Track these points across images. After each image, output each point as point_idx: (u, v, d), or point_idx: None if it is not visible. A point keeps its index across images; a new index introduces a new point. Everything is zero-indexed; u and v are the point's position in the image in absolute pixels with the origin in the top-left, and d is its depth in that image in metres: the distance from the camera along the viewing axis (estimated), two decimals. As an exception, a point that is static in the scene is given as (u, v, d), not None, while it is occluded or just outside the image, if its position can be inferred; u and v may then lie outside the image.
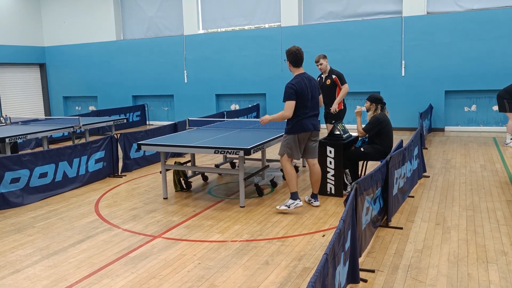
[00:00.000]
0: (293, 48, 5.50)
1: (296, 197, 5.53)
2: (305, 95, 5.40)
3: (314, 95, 5.54)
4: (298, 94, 5.36)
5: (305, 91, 5.40)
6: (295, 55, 5.49)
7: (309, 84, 5.48)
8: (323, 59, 7.55)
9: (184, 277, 3.92)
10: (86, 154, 7.41)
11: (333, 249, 2.79)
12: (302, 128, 5.47)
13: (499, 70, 11.42)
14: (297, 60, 5.52)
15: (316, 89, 5.60)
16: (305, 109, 5.45)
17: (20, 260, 4.43)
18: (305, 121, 5.47)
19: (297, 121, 5.45)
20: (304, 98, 5.40)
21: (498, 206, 5.58)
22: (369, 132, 6.13)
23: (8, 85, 17.06)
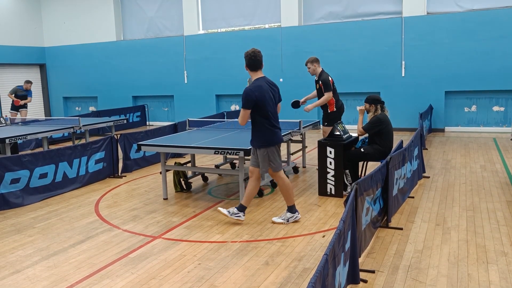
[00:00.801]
0: (250, 51, 5.03)
1: (293, 210, 5.24)
2: (266, 102, 4.94)
3: (275, 102, 5.11)
4: (258, 102, 4.90)
5: (265, 98, 4.94)
6: (251, 57, 5.01)
7: (272, 91, 5.06)
8: (311, 63, 7.26)
9: (184, 278, 3.92)
10: (86, 154, 7.41)
11: (333, 249, 2.79)
12: (278, 139, 5.12)
13: (499, 70, 11.42)
14: (254, 64, 5.02)
15: (277, 95, 5.17)
16: (273, 116, 5.05)
17: (20, 260, 4.43)
18: (279, 131, 5.16)
19: (273, 131, 5.06)
20: (266, 104, 4.94)
21: (498, 206, 5.58)
22: (368, 131, 6.13)
23: (8, 85, 17.02)
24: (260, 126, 5.02)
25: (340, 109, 7.39)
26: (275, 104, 5.12)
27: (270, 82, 5.12)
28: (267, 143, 5.04)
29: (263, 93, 4.93)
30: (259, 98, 4.89)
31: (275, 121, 5.09)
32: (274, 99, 5.09)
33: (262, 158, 5.09)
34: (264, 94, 4.93)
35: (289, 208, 5.25)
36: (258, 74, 5.09)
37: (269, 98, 5.00)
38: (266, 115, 4.99)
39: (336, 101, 7.33)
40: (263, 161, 5.10)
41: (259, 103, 4.92)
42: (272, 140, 5.06)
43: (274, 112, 5.08)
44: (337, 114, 7.33)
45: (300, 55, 13.55)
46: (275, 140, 5.08)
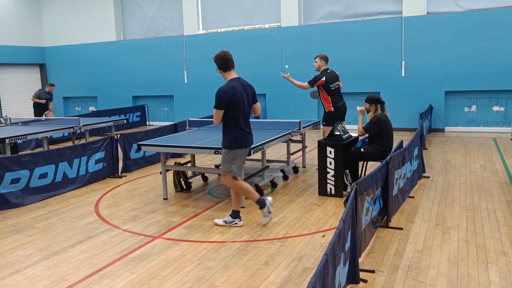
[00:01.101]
0: (219, 53, 4.95)
1: (264, 200, 5.09)
2: (238, 103, 4.83)
3: (249, 104, 5.00)
4: (230, 103, 4.80)
5: (238, 99, 4.84)
6: (222, 58, 4.93)
7: (245, 92, 4.96)
8: (320, 58, 7.42)
9: (184, 278, 3.92)
10: (86, 154, 7.41)
11: (333, 249, 2.79)
12: (246, 143, 5.00)
13: (499, 70, 11.42)
14: (226, 64, 4.95)
15: (250, 98, 5.04)
16: (244, 119, 4.94)
17: (20, 260, 4.43)
18: (249, 135, 5.02)
19: (242, 134, 4.93)
20: (238, 106, 4.84)
21: (498, 206, 5.58)
22: (368, 131, 6.13)
23: (8, 85, 17.07)
24: (230, 127, 4.93)
25: (339, 109, 7.40)
26: (249, 106, 5.02)
27: (244, 84, 5.01)
28: (234, 145, 4.94)
29: (236, 95, 4.83)
30: (231, 99, 4.80)
31: (246, 124, 4.98)
32: (248, 101, 4.98)
33: (225, 159, 4.99)
34: (237, 96, 4.83)
35: (234, 212, 5.15)
36: (231, 74, 5.00)
37: (242, 100, 4.89)
38: (237, 117, 4.88)
39: (335, 101, 7.35)
40: (224, 162, 5.00)
41: (230, 105, 4.82)
42: (240, 143, 4.95)
43: (246, 115, 4.98)
44: (335, 114, 7.34)
45: (300, 55, 13.57)
46: (243, 143, 4.97)
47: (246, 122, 5.00)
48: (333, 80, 7.33)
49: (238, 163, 4.99)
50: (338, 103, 7.39)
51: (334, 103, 7.34)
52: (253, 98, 5.10)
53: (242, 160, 5.06)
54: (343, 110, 7.47)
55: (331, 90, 7.32)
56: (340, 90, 7.51)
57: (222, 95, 4.80)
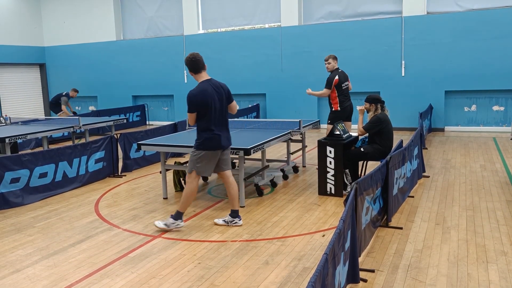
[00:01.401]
0: (189, 56, 4.94)
1: (179, 217, 5.08)
2: (209, 105, 4.84)
3: (222, 105, 4.97)
4: (201, 106, 4.82)
5: (209, 102, 4.83)
6: (191, 60, 4.92)
7: (217, 94, 4.92)
8: (333, 59, 7.61)
9: (184, 277, 3.92)
10: (86, 154, 7.41)
11: (333, 249, 2.79)
12: (215, 145, 4.96)
13: (499, 70, 11.42)
14: (197, 65, 4.94)
15: (224, 99, 5.01)
16: (215, 121, 4.92)
17: (20, 260, 4.43)
18: (218, 137, 4.96)
19: (210, 136, 4.92)
20: (209, 108, 4.85)
21: (498, 206, 5.58)
22: (369, 131, 6.13)
23: (8, 85, 17.06)
24: (200, 129, 4.96)
25: (346, 109, 7.59)
26: (223, 106, 5.00)
27: (216, 84, 4.99)
28: (201, 147, 4.97)
29: (206, 98, 4.83)
30: (201, 102, 4.82)
31: (217, 126, 4.96)
32: (220, 102, 4.96)
33: (192, 158, 5.03)
34: (207, 99, 4.83)
35: (177, 213, 5.10)
36: (202, 76, 4.99)
37: (213, 102, 4.87)
38: (207, 119, 4.89)
39: (342, 101, 7.55)
40: (191, 161, 5.03)
41: (201, 108, 4.84)
42: (208, 145, 4.95)
43: (218, 116, 4.95)
44: (341, 113, 7.52)
45: (300, 55, 13.58)
46: (211, 146, 4.96)
47: (220, 123, 4.99)
48: (343, 80, 7.55)
49: (203, 164, 5.00)
50: (345, 103, 7.58)
51: (342, 103, 7.54)
52: (228, 98, 5.09)
53: (211, 161, 5.04)
54: (349, 110, 7.66)
55: (341, 90, 7.51)
56: (348, 91, 7.69)
57: (191, 99, 4.83)
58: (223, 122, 5.03)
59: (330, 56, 7.64)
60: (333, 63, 7.60)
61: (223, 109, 5.01)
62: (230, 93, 5.12)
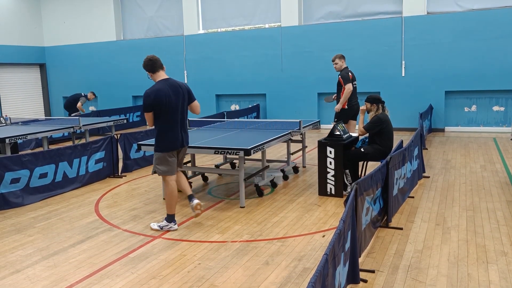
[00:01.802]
0: (145, 59, 5.00)
1: (172, 219, 5.09)
2: (165, 105, 4.82)
3: (180, 104, 4.96)
4: (156, 105, 4.81)
5: (167, 100, 4.82)
6: (149, 60, 4.97)
7: (174, 93, 4.90)
8: (339, 59, 7.71)
9: (184, 277, 3.92)
10: (86, 154, 7.41)
11: (333, 249, 2.79)
12: (170, 146, 4.97)
13: (499, 70, 11.42)
14: (154, 65, 4.96)
15: (184, 96, 5.00)
16: (172, 121, 4.91)
17: (20, 260, 4.43)
18: (175, 138, 4.97)
19: (165, 137, 4.95)
20: (168, 108, 4.85)
21: (498, 206, 5.58)
22: (369, 131, 6.13)
23: (8, 85, 17.06)
24: (157, 130, 4.98)
25: (353, 108, 7.70)
26: (180, 106, 4.97)
27: (174, 84, 4.96)
28: (159, 149, 5.00)
29: (160, 97, 4.81)
30: (155, 102, 4.80)
31: (175, 126, 4.96)
32: (178, 101, 4.94)
33: (154, 160, 5.10)
34: (161, 98, 4.80)
35: (168, 216, 5.10)
36: (159, 76, 4.98)
37: (169, 102, 4.85)
38: (164, 120, 4.90)
39: (351, 99, 7.66)
40: (154, 162, 5.11)
41: (155, 107, 4.83)
42: (165, 147, 4.98)
43: (174, 116, 4.94)
44: (348, 111, 7.67)
45: (300, 55, 13.57)
46: (168, 147, 4.98)
47: (177, 123, 4.98)
48: (354, 78, 7.69)
49: (164, 166, 5.02)
50: (353, 101, 7.70)
51: (350, 101, 7.66)
52: (189, 97, 5.10)
53: (171, 162, 5.05)
54: (356, 109, 7.74)
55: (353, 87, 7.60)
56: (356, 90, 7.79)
57: (145, 99, 4.83)
58: (180, 122, 5.01)
59: (337, 56, 7.72)
60: (340, 63, 7.70)
61: (181, 108, 4.99)
62: (191, 92, 5.12)
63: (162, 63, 5.01)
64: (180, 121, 5.01)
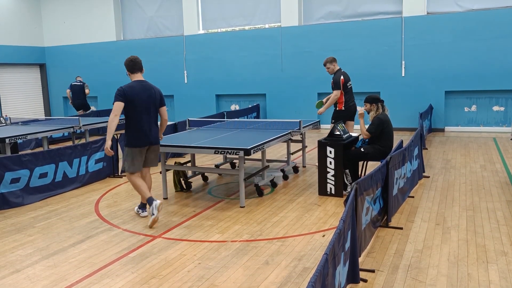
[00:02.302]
0: (129, 57, 5.40)
1: (152, 200, 5.25)
2: (136, 101, 5.18)
3: (152, 105, 5.32)
4: (128, 99, 5.14)
5: (137, 97, 5.17)
6: (130, 61, 5.36)
7: (146, 93, 5.26)
8: (330, 63, 7.61)
9: (184, 277, 3.92)
10: (86, 154, 7.41)
11: (333, 249, 2.79)
12: (139, 141, 5.28)
13: (499, 70, 11.42)
14: (133, 66, 5.35)
15: (155, 99, 5.35)
16: (140, 120, 5.23)
17: (20, 260, 4.43)
18: (143, 135, 5.27)
19: (133, 134, 5.26)
20: (136, 104, 5.19)
21: (498, 206, 5.58)
22: (373, 133, 6.09)
23: (8, 85, 17.06)
24: (127, 127, 5.32)
25: (350, 108, 7.66)
26: (151, 106, 5.31)
27: (147, 86, 5.33)
28: (128, 144, 5.31)
29: (132, 94, 5.16)
30: (127, 97, 5.15)
31: (144, 124, 5.26)
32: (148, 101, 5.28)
33: (123, 156, 5.52)
34: (133, 95, 5.16)
35: (148, 200, 5.34)
36: (136, 76, 5.36)
37: (140, 100, 5.19)
38: (133, 117, 5.23)
39: (347, 101, 7.62)
40: (123, 159, 5.50)
41: (127, 102, 5.16)
42: (133, 143, 5.28)
43: (143, 115, 5.25)
44: (345, 113, 7.62)
45: (300, 55, 13.57)
46: (134, 143, 5.27)
47: (146, 122, 5.29)
48: (348, 79, 7.64)
49: (129, 161, 5.33)
50: (350, 102, 7.67)
51: (347, 102, 7.63)
52: (160, 101, 5.45)
53: (137, 158, 5.34)
54: (353, 110, 7.73)
55: (347, 89, 7.58)
56: (352, 90, 7.74)
57: (119, 90, 5.19)
58: (149, 121, 5.33)
59: (327, 60, 7.63)
60: (332, 66, 7.62)
61: (152, 108, 5.34)
62: (162, 97, 5.50)
63: (142, 66, 5.41)
64: (149, 120, 5.33)
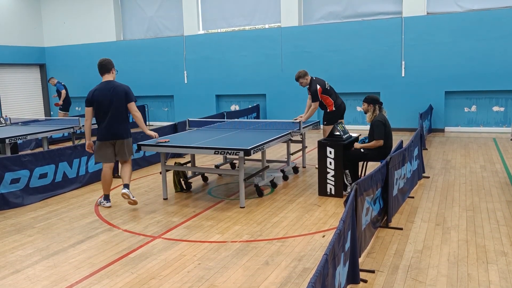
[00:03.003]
0: (99, 60, 5.94)
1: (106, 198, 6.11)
2: (103, 102, 5.74)
3: (118, 103, 5.79)
4: (95, 100, 5.75)
5: (101, 98, 5.73)
6: (99, 65, 5.91)
7: (111, 93, 5.76)
8: (302, 78, 7.57)
9: (184, 278, 3.92)
10: (86, 154, 7.41)
11: (333, 249, 2.79)
12: (103, 136, 5.86)
13: (499, 70, 11.43)
14: (101, 69, 5.90)
15: (120, 97, 5.79)
16: (105, 116, 5.79)
17: (20, 260, 4.43)
18: (106, 130, 5.83)
19: (101, 128, 5.87)
20: (103, 105, 5.75)
21: (498, 206, 5.58)
22: (381, 137, 6.02)
23: (8, 85, 17.06)
24: (97, 122, 5.92)
25: (340, 107, 7.68)
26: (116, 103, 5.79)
27: (114, 85, 5.84)
28: (97, 138, 5.93)
29: (97, 96, 5.76)
30: (92, 99, 5.78)
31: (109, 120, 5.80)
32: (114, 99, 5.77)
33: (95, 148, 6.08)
34: (97, 97, 5.76)
35: (104, 196, 6.14)
36: (104, 78, 5.92)
37: (103, 100, 5.74)
38: (100, 113, 5.82)
39: (335, 101, 7.64)
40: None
41: (93, 103, 5.79)
42: (101, 137, 5.88)
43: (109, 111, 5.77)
44: (336, 113, 7.61)
45: (300, 55, 13.57)
46: (102, 137, 5.87)
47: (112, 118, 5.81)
48: (323, 83, 7.62)
49: (98, 152, 5.95)
50: (339, 101, 7.70)
51: (336, 102, 7.64)
52: (126, 98, 5.88)
53: (104, 150, 5.92)
54: (343, 108, 7.75)
55: (327, 90, 7.57)
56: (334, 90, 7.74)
57: (87, 95, 5.82)
58: (116, 117, 5.83)
59: (299, 75, 7.56)
60: (305, 80, 7.60)
61: (118, 105, 5.81)
62: (128, 94, 5.89)
63: (110, 68, 5.93)
64: (114, 116, 5.82)
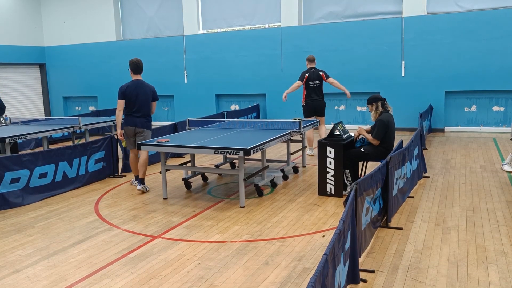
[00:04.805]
0: (134, 60, 6.81)
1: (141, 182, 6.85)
2: (132, 97, 6.65)
3: (143, 99, 6.72)
4: (126, 95, 6.63)
5: (132, 94, 6.63)
6: (135, 64, 6.78)
7: (140, 90, 6.71)
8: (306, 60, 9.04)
9: (184, 277, 3.92)
10: (86, 154, 7.41)
11: (333, 249, 2.79)
12: (126, 123, 6.75)
13: (499, 70, 11.42)
14: (136, 69, 6.78)
15: (147, 95, 6.76)
16: (131, 108, 6.69)
17: (20, 260, 4.43)
18: (129, 118, 6.74)
19: (127, 117, 6.75)
20: (131, 99, 6.66)
21: (498, 206, 5.58)
22: (380, 137, 6.03)
23: (8, 85, 17.05)
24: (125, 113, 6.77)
25: (308, 104, 8.71)
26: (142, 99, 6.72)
27: (143, 84, 6.77)
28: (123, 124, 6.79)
29: (130, 90, 6.64)
30: (126, 93, 6.63)
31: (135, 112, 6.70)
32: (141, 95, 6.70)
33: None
34: (130, 91, 6.64)
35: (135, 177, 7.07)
36: (136, 77, 6.80)
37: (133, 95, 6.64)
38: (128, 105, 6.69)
39: (307, 97, 8.71)
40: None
41: (126, 97, 6.65)
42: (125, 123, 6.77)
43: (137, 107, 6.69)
44: (306, 108, 8.73)
45: (300, 55, 13.54)
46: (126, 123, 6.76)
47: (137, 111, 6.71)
48: (312, 78, 8.65)
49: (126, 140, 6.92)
50: (309, 99, 8.68)
51: (306, 98, 8.71)
52: (153, 96, 6.89)
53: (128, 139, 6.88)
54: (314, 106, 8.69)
55: (308, 86, 8.65)
56: (319, 89, 8.70)
57: (120, 89, 6.67)
58: (140, 110, 6.73)
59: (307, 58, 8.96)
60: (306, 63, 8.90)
61: (144, 101, 6.73)
62: (155, 93, 6.92)
63: (142, 69, 6.82)
64: (142, 109, 6.74)
